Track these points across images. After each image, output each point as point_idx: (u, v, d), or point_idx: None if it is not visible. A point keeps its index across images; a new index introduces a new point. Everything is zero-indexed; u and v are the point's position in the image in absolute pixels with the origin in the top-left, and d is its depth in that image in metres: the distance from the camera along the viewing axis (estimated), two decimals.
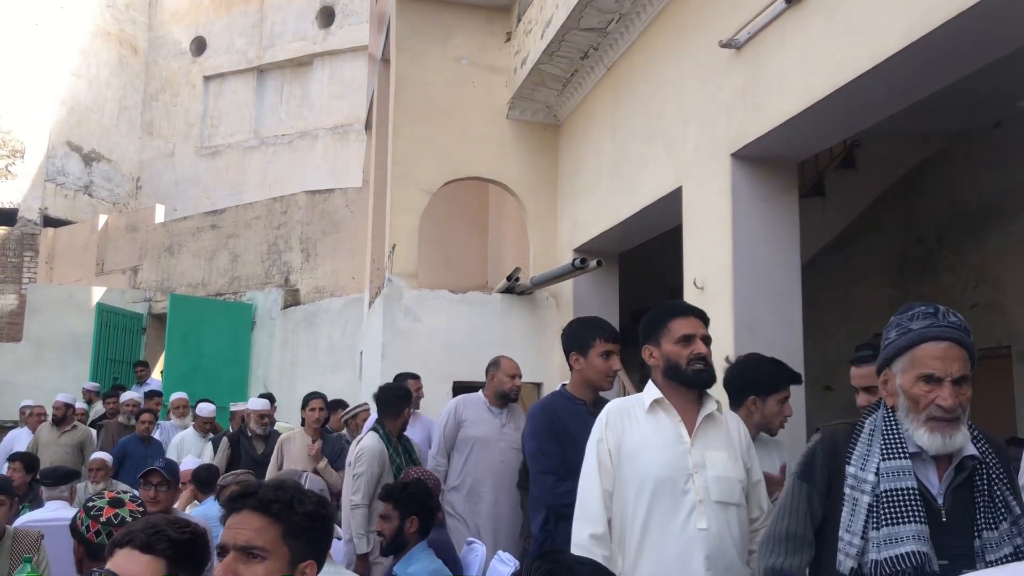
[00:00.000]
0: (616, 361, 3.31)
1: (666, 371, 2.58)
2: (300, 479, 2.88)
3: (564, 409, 3.33)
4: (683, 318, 2.63)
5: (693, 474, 2.46)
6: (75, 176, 17.37)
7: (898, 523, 1.90)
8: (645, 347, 2.65)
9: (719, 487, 2.47)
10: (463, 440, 4.83)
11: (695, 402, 2.58)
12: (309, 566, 1.74)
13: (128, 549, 1.89)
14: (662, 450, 2.49)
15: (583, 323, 3.43)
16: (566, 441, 3.19)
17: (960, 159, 7.05)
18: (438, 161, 7.39)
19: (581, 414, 3.25)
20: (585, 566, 1.55)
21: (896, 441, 1.98)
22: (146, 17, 19.25)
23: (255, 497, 1.73)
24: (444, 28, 7.58)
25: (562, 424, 3.27)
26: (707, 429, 2.55)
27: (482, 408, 4.88)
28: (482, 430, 4.79)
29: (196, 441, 7.28)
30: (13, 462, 5.85)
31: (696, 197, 5.01)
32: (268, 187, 16.87)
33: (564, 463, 3.15)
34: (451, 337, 7.08)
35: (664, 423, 2.54)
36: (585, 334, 3.33)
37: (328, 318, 11.31)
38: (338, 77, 17.28)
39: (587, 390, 3.35)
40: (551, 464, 3.21)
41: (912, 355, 1.96)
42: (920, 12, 3.25)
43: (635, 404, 2.62)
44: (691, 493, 2.45)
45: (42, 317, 13.26)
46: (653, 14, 5.67)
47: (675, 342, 2.57)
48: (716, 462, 2.50)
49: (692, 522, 2.43)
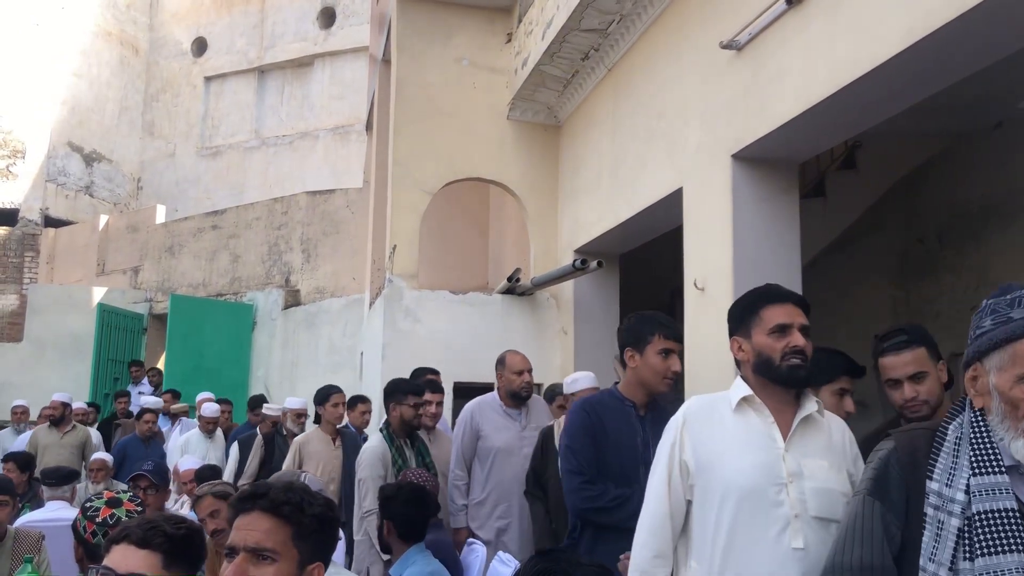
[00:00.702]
0: (676, 361, 2.99)
1: (757, 366, 2.24)
2: (300, 480, 2.88)
3: (609, 408, 3.04)
4: (778, 305, 2.28)
5: (787, 484, 2.11)
6: (76, 176, 17.38)
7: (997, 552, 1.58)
8: (733, 339, 2.34)
9: (818, 500, 2.10)
10: (483, 451, 4.57)
11: (791, 402, 2.23)
12: (317, 568, 1.74)
13: (124, 545, 1.89)
14: (750, 455, 2.14)
15: (642, 318, 3.09)
16: (604, 442, 2.96)
17: (961, 160, 7.04)
18: (439, 162, 7.39)
19: (628, 416, 3.01)
20: (586, 568, 1.49)
21: (989, 452, 1.67)
22: (147, 17, 19.26)
23: (266, 498, 1.71)
24: (445, 29, 7.58)
25: (602, 424, 2.99)
26: (805, 433, 2.19)
27: (498, 413, 4.63)
28: (502, 439, 4.52)
29: (201, 442, 7.24)
30: (7, 462, 5.84)
31: (697, 198, 5.00)
32: (269, 188, 16.90)
33: (597, 464, 2.94)
34: (451, 338, 7.08)
35: (754, 424, 2.20)
36: (643, 329, 3.00)
37: (328, 319, 11.32)
38: (339, 78, 17.29)
39: (640, 391, 3.03)
40: (579, 463, 2.96)
41: (1013, 350, 1.64)
42: (921, 13, 3.25)
43: (719, 402, 2.28)
44: (784, 506, 2.09)
45: (43, 317, 13.28)
46: (654, 15, 5.67)
47: (768, 333, 2.23)
48: (815, 471, 2.14)
49: (786, 540, 2.08)
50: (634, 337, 3.02)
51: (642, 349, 2.98)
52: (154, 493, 4.27)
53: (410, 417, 4.46)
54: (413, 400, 4.45)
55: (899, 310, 7.68)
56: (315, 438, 5.41)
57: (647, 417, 3.01)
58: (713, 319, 4.72)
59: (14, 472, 5.56)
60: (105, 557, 1.90)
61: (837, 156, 7.23)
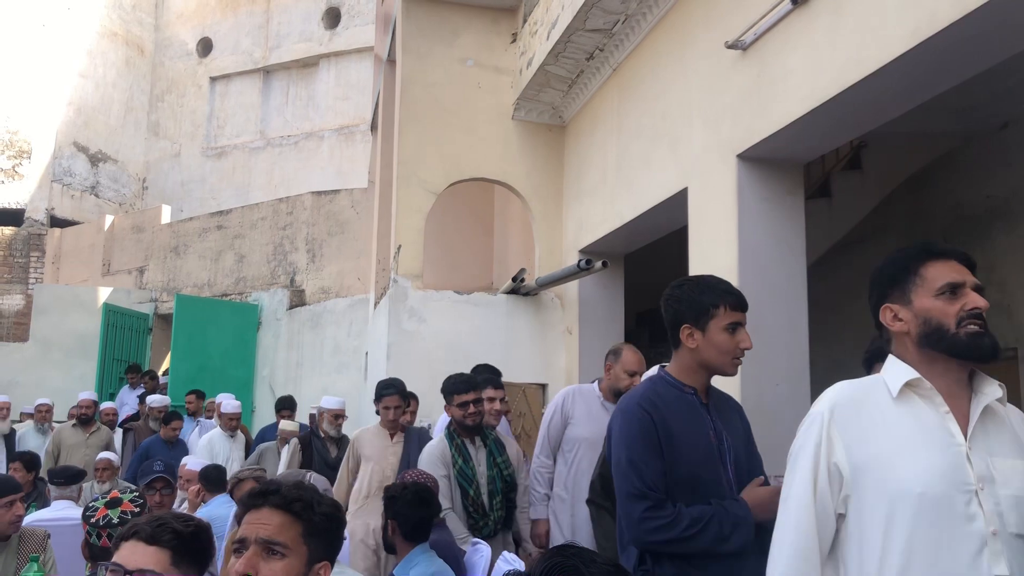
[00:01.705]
0: (745, 337, 2.42)
1: (925, 337, 1.78)
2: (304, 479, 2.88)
3: (671, 401, 2.42)
4: (942, 261, 1.82)
5: (978, 491, 1.65)
6: (82, 177, 17.43)
7: None
8: (884, 307, 1.86)
9: (1019, 513, 1.66)
10: (569, 441, 4.22)
11: (964, 385, 1.78)
12: (324, 567, 1.76)
13: (133, 541, 1.91)
14: (925, 456, 1.69)
15: (700, 285, 2.45)
16: (672, 448, 2.34)
17: (967, 161, 7.03)
18: (444, 162, 7.40)
19: (693, 407, 2.42)
20: (600, 566, 1.44)
21: None
22: (153, 18, 19.32)
23: (278, 495, 1.74)
24: (450, 29, 7.59)
25: (666, 424, 2.36)
26: (987, 425, 1.74)
27: (594, 403, 4.23)
28: (591, 429, 4.07)
29: (224, 441, 7.06)
30: (14, 462, 5.87)
31: (702, 198, 5.00)
32: (274, 188, 16.93)
33: (667, 479, 2.33)
34: (456, 338, 7.09)
35: (925, 416, 1.74)
36: (704, 300, 2.41)
37: (333, 319, 11.34)
38: (344, 78, 17.32)
39: (700, 375, 2.45)
40: (643, 484, 2.30)
41: None
42: (927, 13, 3.24)
43: (873, 389, 1.81)
44: (978, 520, 1.63)
45: (49, 317, 13.32)
46: (659, 15, 5.67)
47: (936, 295, 1.78)
48: (1009, 476, 1.69)
49: (984, 566, 1.61)
50: (693, 311, 2.41)
51: (703, 325, 2.40)
52: (169, 493, 4.32)
53: (459, 418, 4.19)
54: (458, 399, 4.19)
55: None
56: (370, 433, 5.02)
57: (710, 405, 2.48)
58: None
59: (20, 472, 5.59)
60: (115, 554, 1.92)
61: (842, 156, 7.23)
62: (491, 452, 4.21)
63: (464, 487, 4.13)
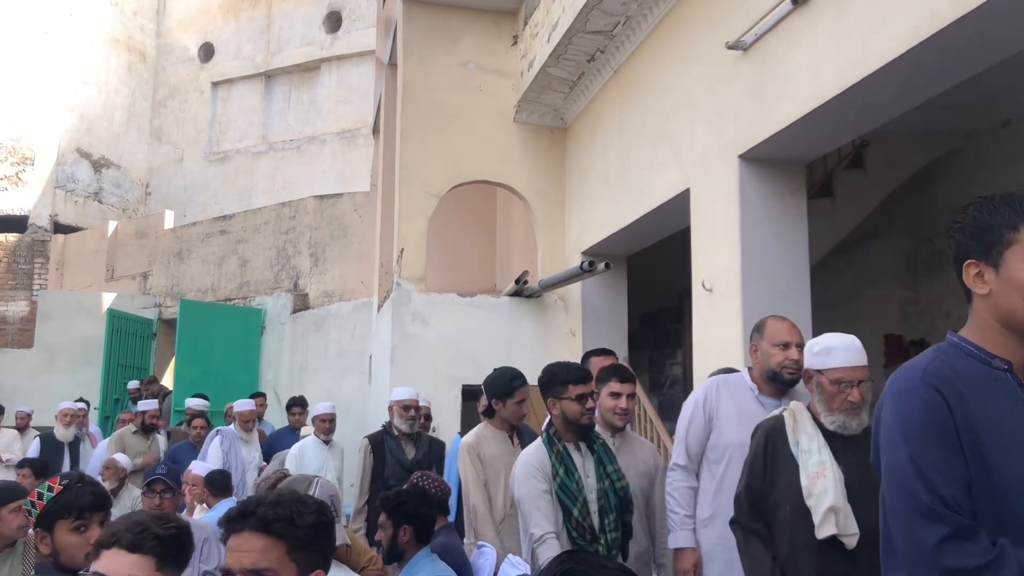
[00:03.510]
0: None
1: None
2: (311, 486, 2.87)
3: (972, 378, 1.63)
4: None
5: None
6: (85, 183, 17.46)
7: None
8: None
9: None
10: (715, 448, 3.29)
11: None
12: (317, 575, 1.73)
13: (115, 550, 1.85)
14: None
15: (995, 202, 1.68)
16: (977, 444, 1.57)
17: (969, 158, 7.02)
18: (446, 165, 7.41)
19: (1005, 384, 1.63)
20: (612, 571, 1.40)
21: None
22: (154, 24, 19.36)
23: (255, 517, 1.69)
24: (451, 32, 7.60)
25: (968, 411, 1.59)
26: None
27: (746, 397, 3.28)
28: (744, 432, 3.04)
29: (319, 450, 6.06)
30: (22, 468, 5.87)
31: (704, 199, 5.00)
32: (276, 192, 16.94)
33: (973, 491, 1.56)
34: (460, 341, 7.09)
35: None
36: (997, 221, 1.64)
37: (337, 322, 11.34)
38: (346, 82, 17.33)
39: (1008, 340, 1.65)
40: (939, 500, 1.54)
41: None
42: (927, 12, 3.24)
43: None
44: None
45: (53, 323, 13.34)
46: (659, 16, 5.67)
47: None
48: None
49: None
50: (980, 239, 1.65)
51: (996, 258, 1.63)
52: (170, 496, 4.30)
53: (575, 415, 3.17)
54: (575, 391, 3.17)
55: (908, 309, 7.66)
56: (488, 438, 4.09)
57: None
58: (721, 319, 4.72)
59: (29, 479, 5.60)
60: (94, 561, 1.86)
61: (844, 156, 7.22)
62: (600, 460, 3.22)
63: (567, 506, 3.11)
